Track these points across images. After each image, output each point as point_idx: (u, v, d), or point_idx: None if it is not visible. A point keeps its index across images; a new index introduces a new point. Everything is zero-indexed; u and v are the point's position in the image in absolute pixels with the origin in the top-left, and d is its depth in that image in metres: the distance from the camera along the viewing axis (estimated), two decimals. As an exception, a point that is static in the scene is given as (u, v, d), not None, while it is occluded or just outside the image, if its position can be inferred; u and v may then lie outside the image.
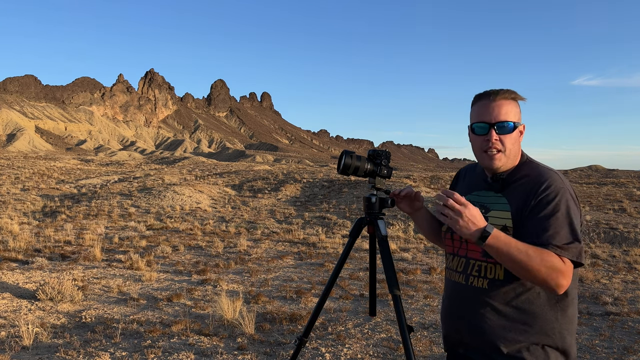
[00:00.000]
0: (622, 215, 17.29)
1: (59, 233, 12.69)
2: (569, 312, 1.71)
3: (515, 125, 1.75)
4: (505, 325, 1.71)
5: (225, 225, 15.92)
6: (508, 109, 1.74)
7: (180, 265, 9.01)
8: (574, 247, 1.59)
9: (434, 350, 4.85)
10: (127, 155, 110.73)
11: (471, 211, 1.57)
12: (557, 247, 1.58)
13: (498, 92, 1.77)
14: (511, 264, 1.59)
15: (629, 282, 8.61)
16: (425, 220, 2.10)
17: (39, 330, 5.01)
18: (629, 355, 4.89)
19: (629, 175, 42.70)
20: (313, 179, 27.23)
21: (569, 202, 1.64)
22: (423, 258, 10.41)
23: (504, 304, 1.71)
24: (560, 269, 1.56)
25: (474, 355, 1.79)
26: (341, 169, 2.24)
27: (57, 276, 7.52)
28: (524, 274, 1.59)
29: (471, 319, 1.78)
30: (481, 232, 1.57)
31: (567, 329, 1.70)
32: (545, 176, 1.70)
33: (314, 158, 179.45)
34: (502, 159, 1.75)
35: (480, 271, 1.77)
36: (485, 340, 1.74)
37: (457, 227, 1.58)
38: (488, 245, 1.57)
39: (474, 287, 1.78)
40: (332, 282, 2.38)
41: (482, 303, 1.75)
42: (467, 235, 1.59)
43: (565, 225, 1.60)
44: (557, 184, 1.66)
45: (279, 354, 4.58)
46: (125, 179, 28.93)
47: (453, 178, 2.11)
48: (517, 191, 1.73)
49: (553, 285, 1.58)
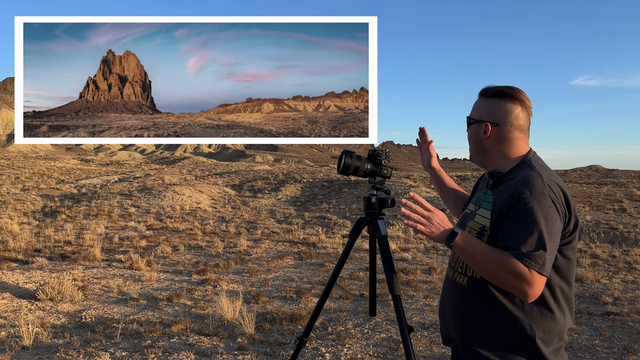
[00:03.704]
0: (622, 215, 17.28)
1: (59, 233, 12.69)
2: (545, 323, 1.63)
3: (468, 121, 1.81)
4: (480, 326, 1.69)
5: (225, 225, 15.92)
6: (473, 105, 1.81)
7: (180, 265, 9.01)
8: (539, 256, 1.51)
9: (434, 350, 4.85)
10: (127, 155, 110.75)
11: (438, 215, 1.62)
12: (522, 254, 1.51)
13: (486, 89, 1.81)
14: (476, 267, 1.59)
15: (629, 282, 8.61)
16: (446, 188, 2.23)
17: (39, 330, 5.01)
18: (629, 355, 4.89)
19: (629, 175, 42.70)
20: (313, 179, 27.23)
21: (546, 209, 1.55)
22: (423, 258, 10.40)
23: (479, 304, 1.69)
24: (524, 277, 1.50)
25: (461, 353, 1.78)
26: (341, 169, 2.24)
27: (57, 276, 7.52)
28: (489, 277, 1.58)
29: (453, 316, 1.78)
30: (448, 234, 1.60)
31: (543, 338, 1.63)
32: (525, 180, 1.62)
33: (314, 158, 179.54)
34: (471, 153, 1.85)
35: (463, 268, 1.77)
36: (465, 338, 1.74)
37: (429, 232, 1.60)
38: (455, 245, 1.59)
39: (457, 283, 1.78)
40: (332, 282, 2.38)
41: (462, 300, 1.75)
42: (437, 239, 1.62)
43: (535, 233, 1.53)
44: (537, 189, 1.58)
45: (279, 354, 4.58)
46: (125, 179, 28.92)
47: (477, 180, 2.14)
48: (502, 192, 1.69)
49: (517, 292, 1.54)
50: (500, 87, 1.77)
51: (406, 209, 1.60)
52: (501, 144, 1.77)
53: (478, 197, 1.85)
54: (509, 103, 1.75)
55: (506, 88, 1.76)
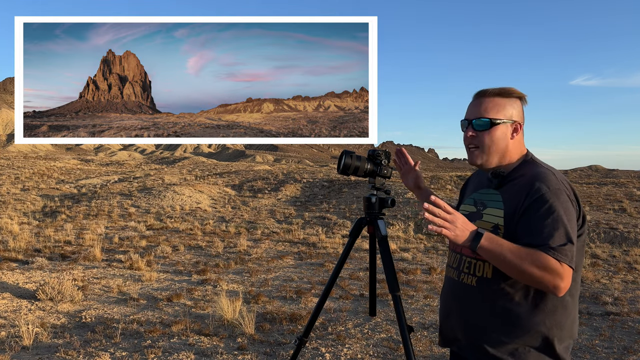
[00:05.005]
0: (622, 215, 17.28)
1: (59, 233, 12.69)
2: (556, 317, 1.67)
3: (492, 122, 1.74)
4: (490, 325, 1.70)
5: (225, 225, 15.92)
6: (489, 106, 1.75)
7: (180, 265, 9.00)
8: (568, 250, 1.56)
9: (434, 350, 4.85)
10: (127, 155, 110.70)
11: (461, 218, 1.61)
12: (552, 249, 1.55)
13: (487, 91, 1.79)
14: (504, 266, 1.60)
15: (629, 282, 8.61)
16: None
17: (39, 330, 5.01)
18: (629, 355, 4.89)
19: (629, 175, 42.69)
20: (313, 179, 27.22)
21: (565, 204, 1.61)
22: (423, 258, 10.40)
23: (490, 303, 1.70)
24: (556, 271, 1.54)
25: (466, 353, 1.78)
26: (341, 169, 2.24)
27: (57, 276, 7.52)
28: (518, 275, 1.59)
29: (461, 316, 1.78)
30: (474, 236, 1.60)
31: (556, 335, 1.66)
32: (540, 176, 1.67)
33: (314, 158, 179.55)
34: (480, 155, 1.78)
35: (470, 268, 1.76)
36: (473, 338, 1.74)
37: (453, 236, 1.60)
38: (481, 247, 1.59)
39: (464, 284, 1.78)
40: (332, 282, 2.38)
41: (470, 301, 1.75)
42: (462, 242, 1.61)
43: (560, 227, 1.58)
44: (553, 185, 1.64)
45: (279, 354, 4.58)
46: (125, 179, 28.91)
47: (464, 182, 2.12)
48: (512, 190, 1.72)
49: (550, 287, 1.57)
50: (503, 88, 1.79)
51: (429, 214, 1.60)
52: (518, 144, 1.80)
53: (476, 197, 1.86)
54: (521, 103, 1.82)
55: (505, 88, 1.79)
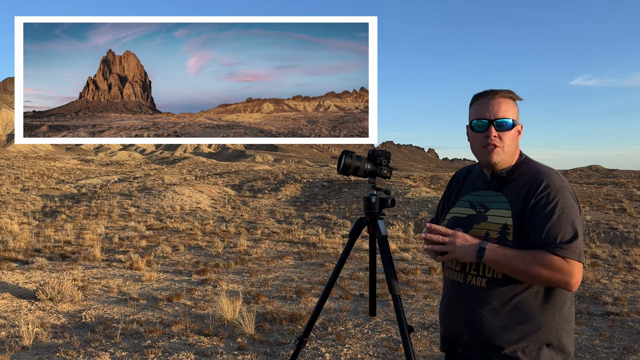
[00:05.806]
0: (622, 215, 17.28)
1: (59, 233, 12.69)
2: (564, 311, 1.72)
3: (514, 123, 1.78)
4: (502, 325, 1.71)
5: (225, 225, 15.92)
6: (507, 107, 1.79)
7: (180, 265, 9.01)
8: (575, 246, 1.59)
9: (434, 350, 4.84)
10: (127, 155, 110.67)
11: (459, 236, 1.68)
12: (559, 247, 1.59)
13: (497, 91, 1.81)
14: (513, 272, 1.64)
15: (629, 282, 8.61)
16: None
17: (39, 330, 5.01)
18: (629, 355, 4.89)
19: (629, 175, 42.68)
20: (313, 179, 27.22)
21: (569, 201, 1.65)
22: (423, 258, 10.40)
23: (501, 303, 1.72)
24: (565, 269, 1.58)
25: (473, 355, 1.79)
26: (341, 169, 2.24)
27: (57, 276, 7.52)
28: (529, 279, 1.63)
29: (469, 318, 1.78)
30: (477, 250, 1.65)
31: (563, 328, 1.71)
32: (543, 175, 1.71)
33: (314, 158, 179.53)
34: (501, 154, 1.79)
35: (478, 270, 1.77)
36: (483, 339, 1.74)
37: (456, 256, 1.67)
38: (487, 259, 1.64)
39: (473, 286, 1.78)
40: (332, 282, 2.38)
41: (480, 302, 1.75)
42: (466, 259, 1.67)
43: (568, 224, 1.62)
44: (557, 183, 1.68)
45: (279, 354, 4.58)
46: (125, 179, 28.91)
47: (447, 184, 2.10)
48: (516, 190, 1.74)
49: (562, 285, 1.61)
50: (509, 90, 1.84)
51: (427, 244, 1.69)
52: (517, 143, 1.85)
53: (472, 200, 1.85)
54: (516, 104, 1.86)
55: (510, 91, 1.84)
